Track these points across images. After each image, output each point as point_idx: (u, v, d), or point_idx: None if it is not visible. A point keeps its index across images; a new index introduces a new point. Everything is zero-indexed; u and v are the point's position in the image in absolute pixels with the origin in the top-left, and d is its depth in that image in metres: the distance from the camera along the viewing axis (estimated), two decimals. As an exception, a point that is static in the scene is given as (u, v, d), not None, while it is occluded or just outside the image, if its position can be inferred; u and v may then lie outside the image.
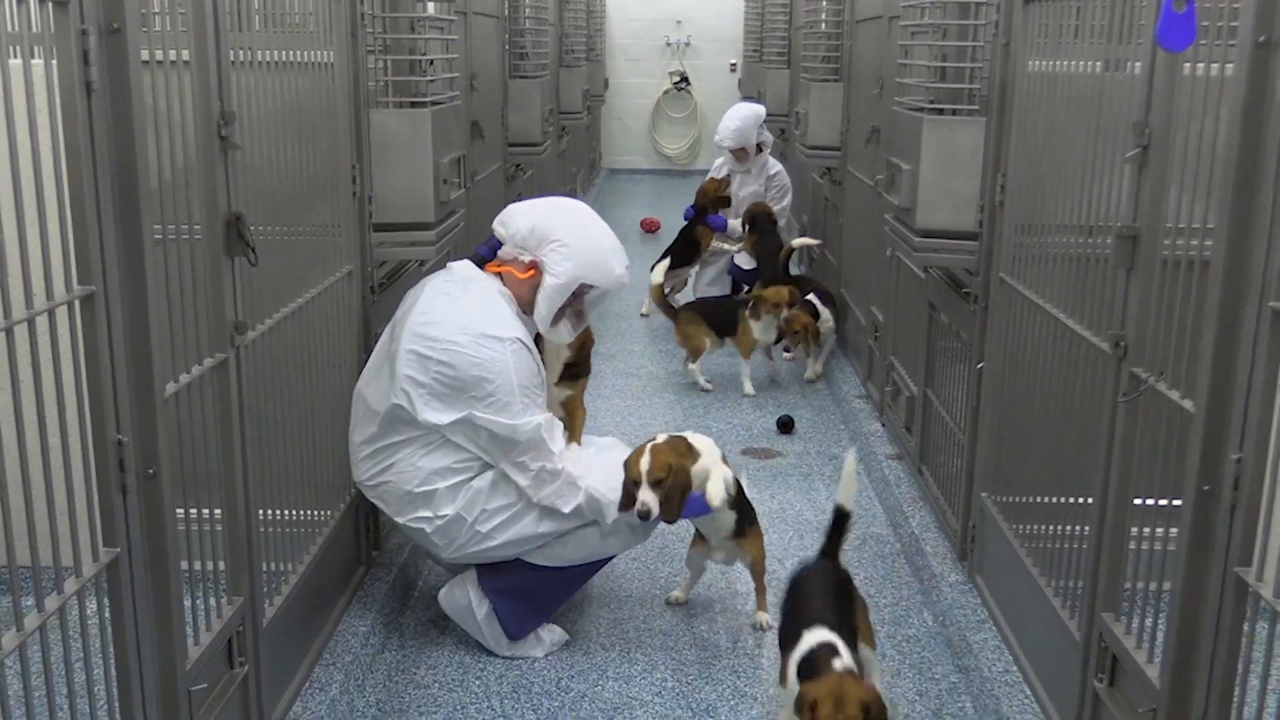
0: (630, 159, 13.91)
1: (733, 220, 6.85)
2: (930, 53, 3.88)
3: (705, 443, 3.21)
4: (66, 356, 1.81)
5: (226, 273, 2.35)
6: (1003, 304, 3.23)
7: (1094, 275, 2.56)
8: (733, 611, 3.50)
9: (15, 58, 1.80)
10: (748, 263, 6.80)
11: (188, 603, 2.20)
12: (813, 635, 2.50)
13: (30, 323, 1.65)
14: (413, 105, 3.65)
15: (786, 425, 5.13)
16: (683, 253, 6.85)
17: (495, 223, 3.16)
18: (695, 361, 5.69)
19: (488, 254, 3.12)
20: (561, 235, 3.03)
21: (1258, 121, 1.86)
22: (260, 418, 2.58)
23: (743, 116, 6.75)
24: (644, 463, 3.04)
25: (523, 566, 3.13)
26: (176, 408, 2.11)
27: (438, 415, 2.92)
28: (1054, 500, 2.82)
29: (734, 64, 13.33)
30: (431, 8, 3.90)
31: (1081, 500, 2.62)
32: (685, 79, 13.54)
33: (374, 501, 3.13)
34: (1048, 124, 2.93)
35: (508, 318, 2.99)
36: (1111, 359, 2.43)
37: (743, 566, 3.44)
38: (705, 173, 7.38)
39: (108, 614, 1.94)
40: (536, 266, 3.06)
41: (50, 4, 1.74)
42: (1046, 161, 2.93)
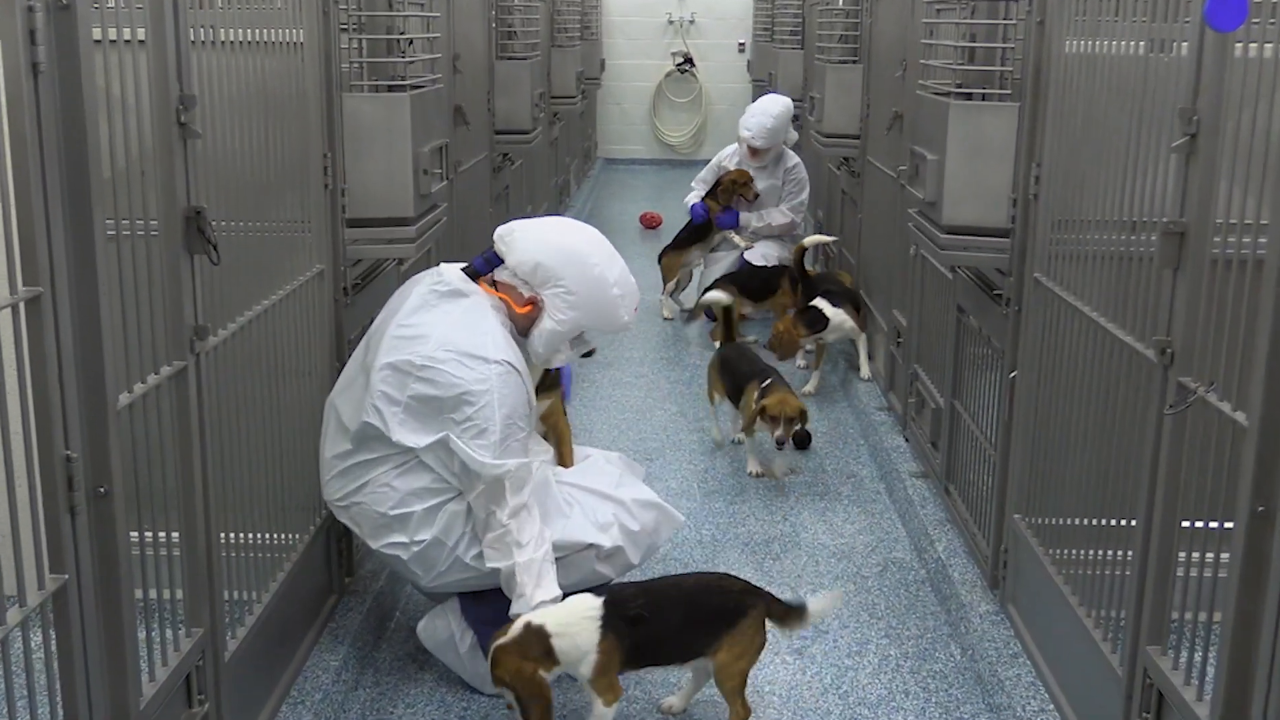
0: (628, 148, 13.93)
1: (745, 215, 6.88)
2: (958, 31, 3.89)
3: (574, 611, 2.81)
4: (10, 364, 1.81)
5: (186, 272, 2.35)
6: (1037, 307, 3.23)
7: (1137, 275, 2.56)
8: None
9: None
10: (759, 260, 6.81)
11: (142, 634, 2.20)
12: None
13: (-30, 327, 1.65)
14: (390, 89, 3.65)
15: (802, 441, 5.13)
16: (689, 238, 7.03)
17: (497, 237, 3.12)
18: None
19: (484, 267, 3.09)
20: (568, 282, 3.04)
21: (1316, 107, 1.86)
22: (222, 431, 2.58)
23: (777, 114, 6.80)
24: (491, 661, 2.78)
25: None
26: (130, 420, 2.11)
27: (413, 437, 2.92)
28: (1094, 522, 2.82)
29: (742, 44, 13.36)
30: (411, -18, 3.91)
31: (1124, 522, 2.62)
32: (689, 60, 13.56)
33: (346, 524, 3.13)
34: (1086, 110, 2.93)
35: (498, 338, 2.97)
36: (1157, 367, 2.43)
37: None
38: (709, 162, 7.39)
39: (54, 647, 1.94)
40: (536, 304, 3.08)
41: (-7, -22, 1.75)
42: (1085, 151, 2.94)
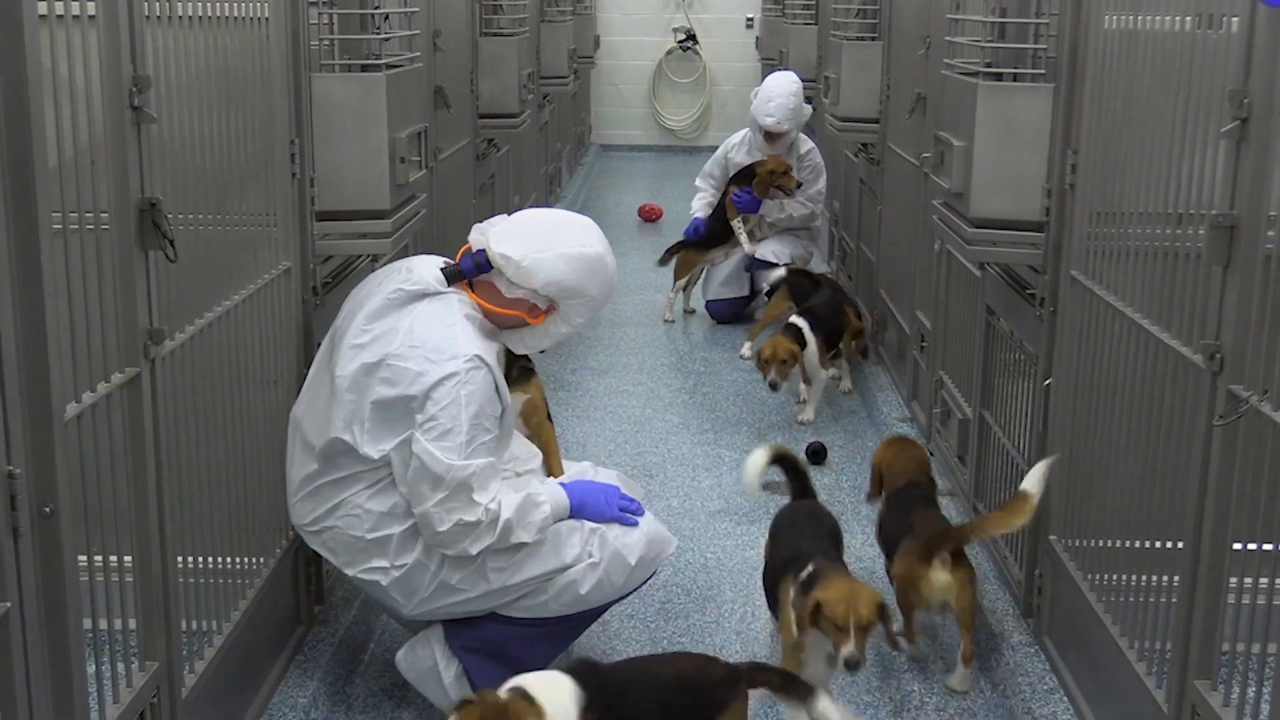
0: (626, 133, 13.94)
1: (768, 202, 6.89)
2: (987, 6, 3.90)
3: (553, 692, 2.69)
4: (-53, 371, 1.82)
5: (140, 271, 2.35)
6: (1074, 308, 3.24)
7: (1183, 273, 2.57)
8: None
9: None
10: (769, 257, 6.81)
11: (91, 668, 2.20)
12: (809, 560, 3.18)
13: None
14: (364, 69, 3.66)
15: (817, 455, 5.13)
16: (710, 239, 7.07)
17: (503, 260, 3.04)
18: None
19: (471, 270, 3.10)
20: (592, 290, 3.15)
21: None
22: (180, 445, 2.58)
23: (793, 91, 6.82)
24: None
25: (499, 620, 3.13)
26: (79, 433, 2.11)
27: (380, 444, 2.94)
28: (1137, 545, 2.82)
29: (750, 19, 13.37)
30: (387, -48, 3.92)
31: (1170, 545, 2.62)
32: (692, 37, 13.57)
33: (318, 550, 3.13)
34: (1127, 92, 2.94)
35: (468, 331, 2.99)
36: (1205, 374, 2.44)
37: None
38: (714, 149, 7.41)
39: (-5, 682, 1.94)
40: (549, 312, 3.16)
41: (-71, -52, 1.75)
42: (1126, 137, 2.95)
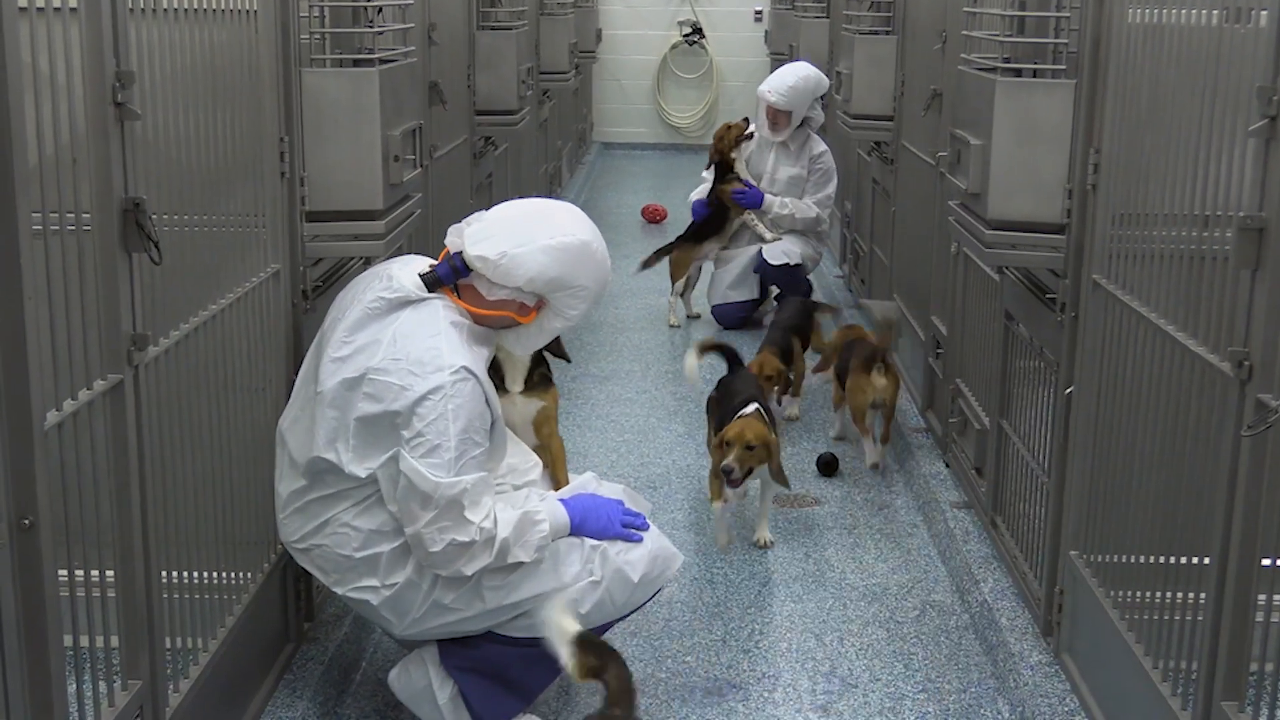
0: (629, 130, 13.95)
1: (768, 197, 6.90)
2: (1005, -1, 3.90)
3: None
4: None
5: (123, 273, 2.35)
6: (1096, 313, 3.24)
7: (1210, 278, 2.57)
8: (756, 699, 3.51)
9: None
10: (779, 257, 6.81)
11: (72, 688, 2.20)
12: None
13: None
14: (356, 64, 3.66)
15: (828, 466, 5.13)
16: (702, 230, 7.07)
17: (479, 260, 3.03)
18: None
19: (448, 276, 3.09)
20: (582, 279, 3.13)
21: None
22: (164, 455, 2.58)
23: (803, 75, 6.82)
24: None
25: (495, 639, 3.13)
26: (59, 443, 2.11)
27: (366, 461, 2.94)
28: (1162, 560, 2.82)
29: (759, 12, 13.39)
30: (381, -58, 3.92)
31: (1196, 560, 2.62)
32: (698, 30, 13.59)
33: (307, 568, 3.13)
34: (1152, 89, 2.94)
35: (453, 340, 2.98)
36: (1233, 382, 2.44)
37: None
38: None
39: (-29, 702, 1.94)
40: (540, 308, 3.16)
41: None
42: (1150, 136, 2.95)
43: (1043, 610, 3.59)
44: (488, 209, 3.23)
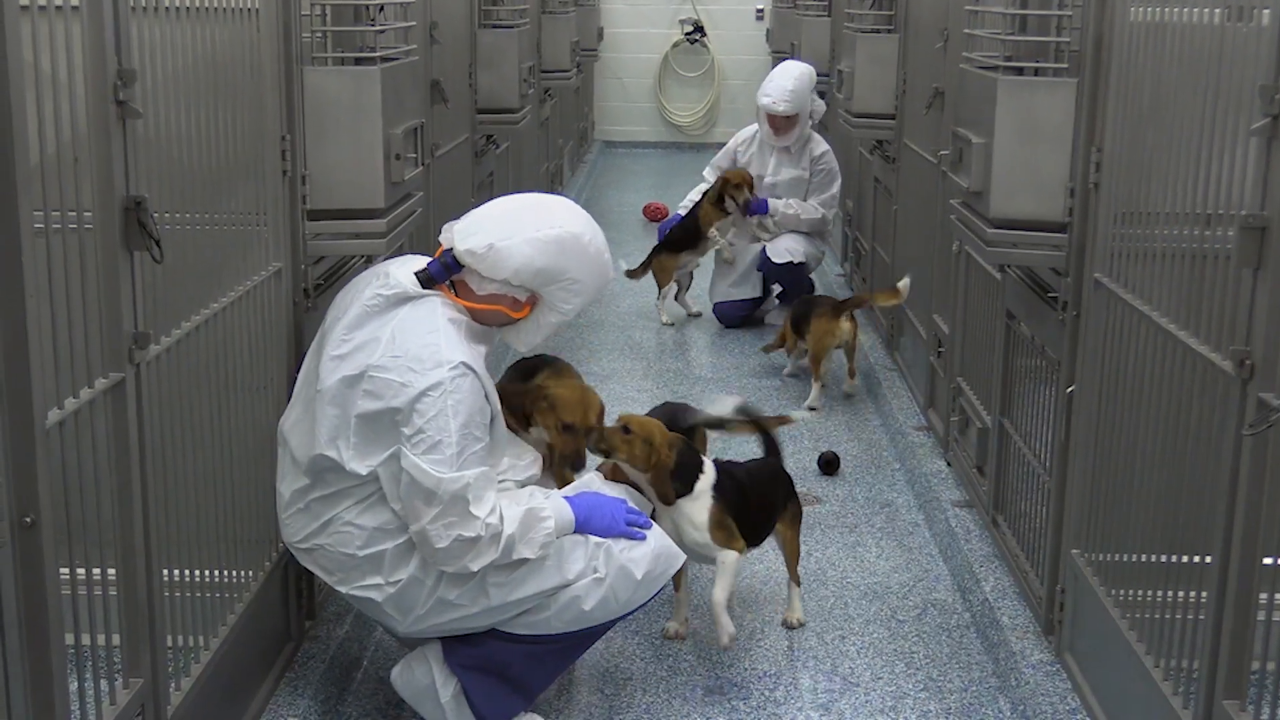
0: (630, 129, 13.95)
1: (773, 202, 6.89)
2: (1007, -3, 3.90)
3: None
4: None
5: (124, 272, 2.36)
6: (1098, 312, 3.24)
7: (1212, 276, 2.57)
8: (758, 698, 3.51)
9: None
10: (781, 255, 6.80)
11: (73, 686, 2.20)
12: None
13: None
14: (358, 62, 3.67)
15: (829, 465, 5.13)
16: (679, 243, 7.04)
17: (468, 255, 3.05)
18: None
19: (440, 273, 3.09)
20: (573, 271, 3.12)
21: None
22: (166, 454, 2.59)
23: (799, 76, 6.82)
24: None
25: (499, 637, 3.13)
26: (61, 441, 2.11)
27: (368, 459, 2.94)
28: (1164, 559, 2.82)
29: (760, 10, 13.39)
30: (382, -60, 3.92)
31: (1198, 559, 2.62)
32: (700, 29, 13.59)
33: (310, 568, 3.13)
34: (1154, 87, 2.94)
35: (451, 336, 2.98)
36: (1235, 381, 2.44)
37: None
38: (723, 146, 7.40)
39: (-27, 700, 1.94)
40: (534, 303, 3.15)
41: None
42: (1152, 134, 2.94)
43: (1044, 609, 3.59)
44: (477, 206, 3.24)
